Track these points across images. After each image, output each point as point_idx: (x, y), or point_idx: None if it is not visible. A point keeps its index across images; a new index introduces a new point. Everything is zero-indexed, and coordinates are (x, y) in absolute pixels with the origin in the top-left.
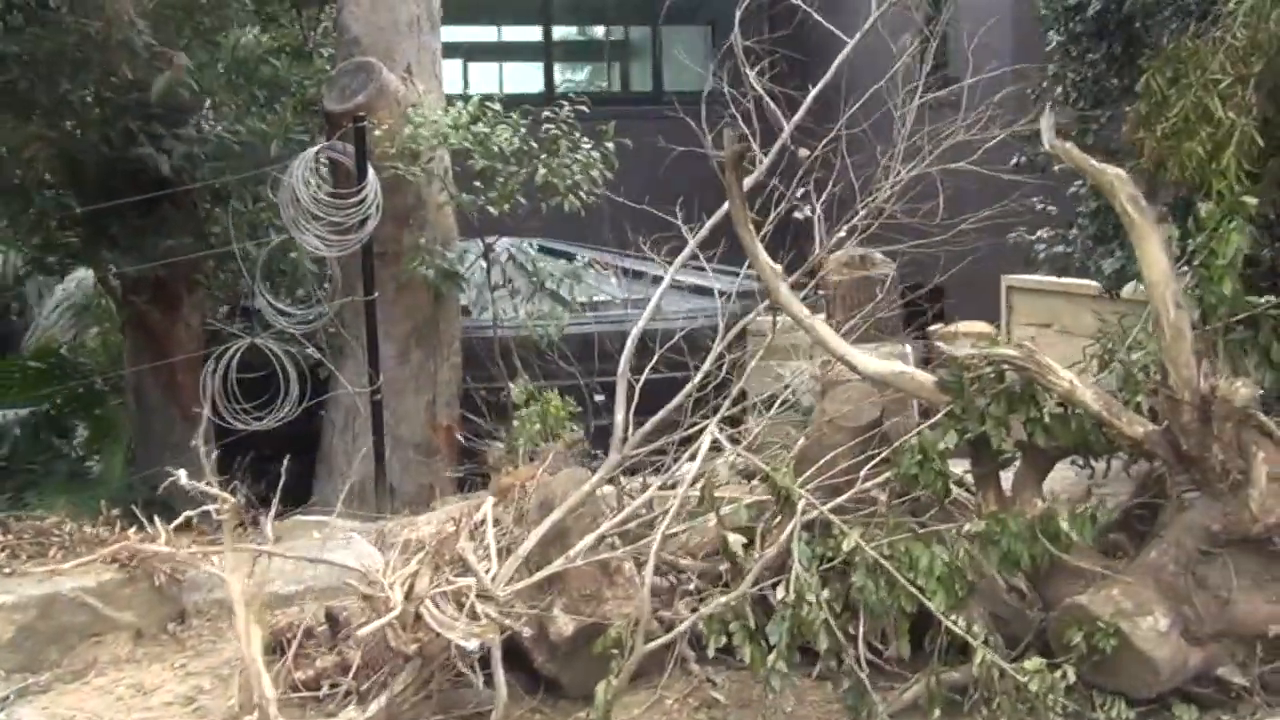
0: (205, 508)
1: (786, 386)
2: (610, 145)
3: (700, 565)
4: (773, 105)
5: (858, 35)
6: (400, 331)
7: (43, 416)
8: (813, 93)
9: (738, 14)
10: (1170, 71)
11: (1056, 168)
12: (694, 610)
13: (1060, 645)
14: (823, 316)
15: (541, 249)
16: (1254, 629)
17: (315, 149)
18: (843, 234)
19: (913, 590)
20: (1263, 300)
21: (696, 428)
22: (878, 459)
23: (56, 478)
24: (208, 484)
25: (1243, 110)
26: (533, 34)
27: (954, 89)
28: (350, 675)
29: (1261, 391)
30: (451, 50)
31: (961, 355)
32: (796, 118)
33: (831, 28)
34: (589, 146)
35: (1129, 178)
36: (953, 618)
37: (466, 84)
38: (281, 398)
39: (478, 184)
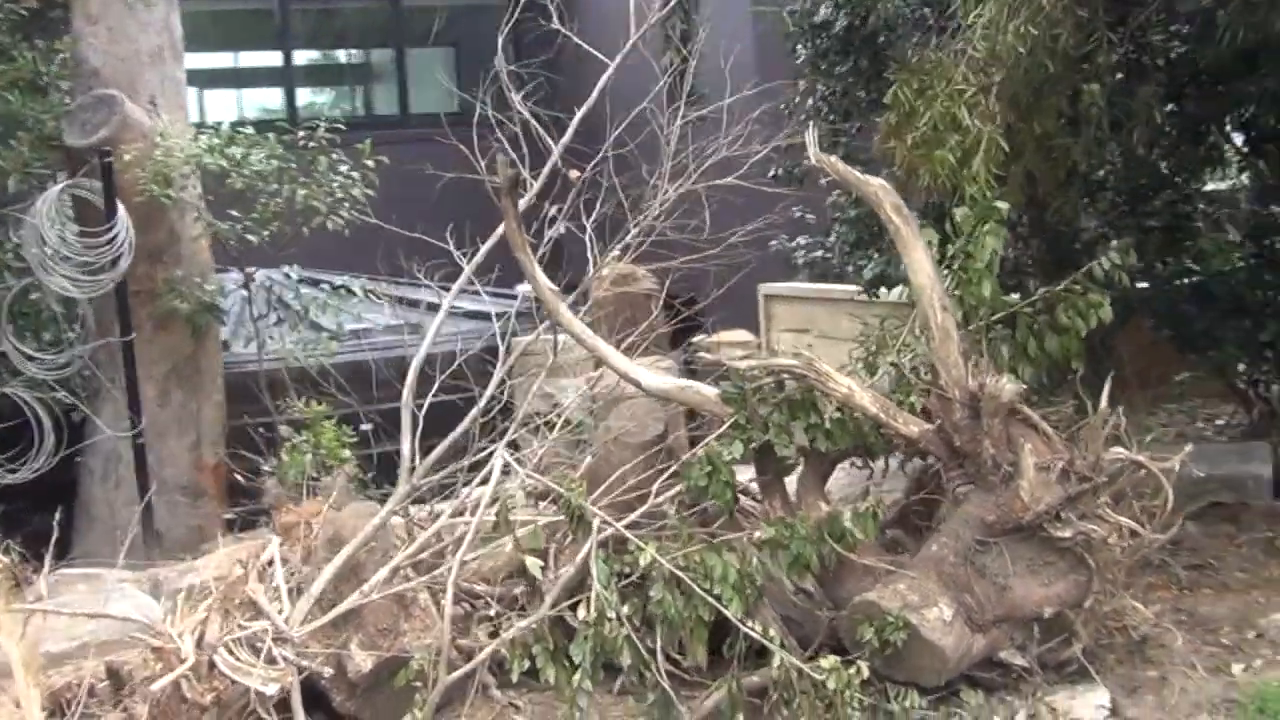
0: None
1: (555, 405)
2: (370, 163)
3: (497, 590)
4: (538, 127)
5: (619, 57)
6: (159, 372)
7: None
8: (579, 114)
9: (500, 36)
10: (916, 83)
11: (824, 180)
12: (493, 636)
13: (853, 642)
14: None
15: (303, 279)
16: (1030, 612)
17: (59, 186)
18: (616, 253)
19: (710, 599)
20: (1016, 299)
21: (485, 452)
22: (667, 473)
23: None
24: None
25: (988, 118)
26: (273, 59)
27: (714, 107)
28: None
29: (1025, 386)
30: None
31: (743, 367)
32: (565, 140)
33: (587, 47)
34: (347, 167)
35: (891, 188)
36: (749, 623)
37: (203, 112)
38: (36, 447)
39: (233, 212)
